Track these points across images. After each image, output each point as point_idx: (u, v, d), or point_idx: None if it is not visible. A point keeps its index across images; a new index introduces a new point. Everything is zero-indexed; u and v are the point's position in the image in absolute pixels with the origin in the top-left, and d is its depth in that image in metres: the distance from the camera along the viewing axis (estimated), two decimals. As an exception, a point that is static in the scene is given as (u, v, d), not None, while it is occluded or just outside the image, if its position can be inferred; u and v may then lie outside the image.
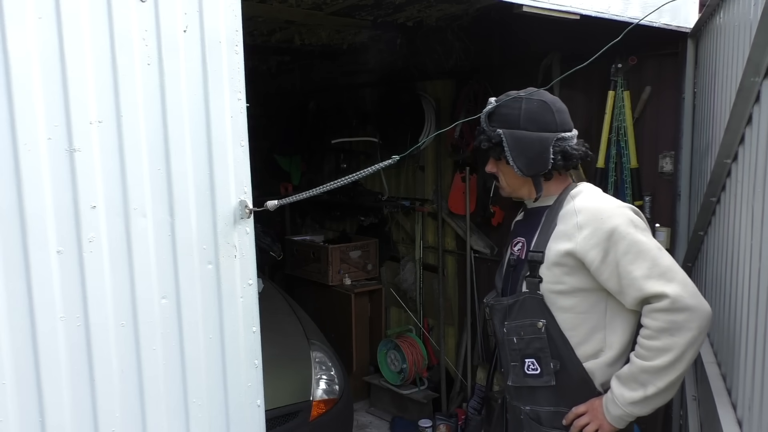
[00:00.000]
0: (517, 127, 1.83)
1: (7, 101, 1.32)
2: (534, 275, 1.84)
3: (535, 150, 1.83)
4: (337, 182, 1.70)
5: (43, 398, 1.41)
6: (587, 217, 1.77)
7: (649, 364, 1.69)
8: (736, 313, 1.81)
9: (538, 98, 1.85)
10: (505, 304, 1.92)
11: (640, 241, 1.72)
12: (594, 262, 1.74)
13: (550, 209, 1.89)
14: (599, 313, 1.82)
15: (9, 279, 1.35)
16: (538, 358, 1.85)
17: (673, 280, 1.68)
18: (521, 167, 1.85)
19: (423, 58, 4.41)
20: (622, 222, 1.74)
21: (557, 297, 1.82)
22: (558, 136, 1.84)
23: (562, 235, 1.81)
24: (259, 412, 1.76)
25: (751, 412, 1.57)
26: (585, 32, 2.61)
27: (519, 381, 1.91)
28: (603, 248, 1.73)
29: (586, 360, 1.82)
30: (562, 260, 1.79)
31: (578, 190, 1.89)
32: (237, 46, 1.62)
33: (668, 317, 1.66)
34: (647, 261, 1.70)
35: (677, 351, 1.66)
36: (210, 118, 1.59)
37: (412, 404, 4.50)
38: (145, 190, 1.51)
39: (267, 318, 1.88)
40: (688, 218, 3.06)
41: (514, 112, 1.84)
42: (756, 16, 1.56)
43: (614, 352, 1.82)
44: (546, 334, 1.82)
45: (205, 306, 1.63)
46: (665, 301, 1.66)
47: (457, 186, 4.34)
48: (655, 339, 1.68)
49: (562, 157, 1.85)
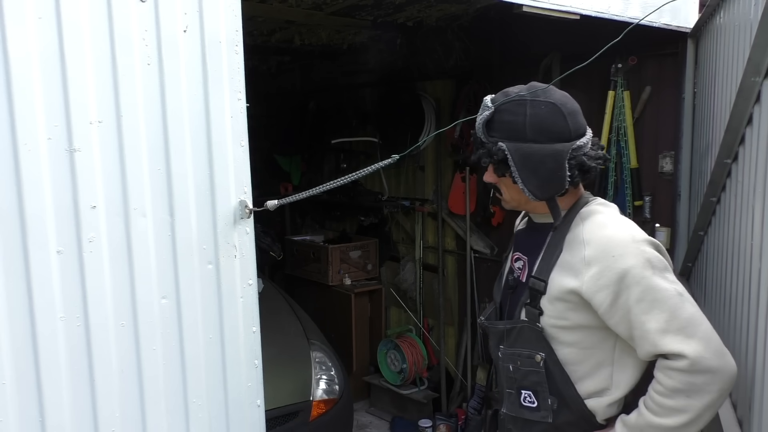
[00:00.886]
0: (524, 139, 1.52)
1: (7, 101, 1.32)
2: (534, 305, 1.61)
3: (549, 167, 1.52)
4: (337, 182, 1.70)
5: (43, 398, 1.41)
6: (596, 252, 1.51)
7: (659, 422, 1.47)
8: (736, 313, 1.80)
9: (545, 100, 1.54)
10: (501, 329, 1.71)
11: (656, 287, 1.46)
12: (602, 305, 1.50)
13: (558, 230, 1.62)
14: (607, 349, 1.59)
15: (9, 279, 1.35)
16: (535, 392, 1.64)
17: (694, 336, 1.44)
18: (533, 190, 1.55)
19: (423, 58, 4.41)
20: (636, 263, 1.47)
21: (559, 331, 1.59)
22: (573, 145, 1.53)
23: (568, 268, 1.56)
24: (259, 412, 1.76)
25: (751, 412, 1.57)
26: (585, 32, 2.61)
27: (514, 411, 1.71)
28: (613, 291, 1.48)
29: (588, 397, 1.60)
30: (565, 296, 1.55)
31: (589, 210, 1.61)
32: (237, 46, 1.61)
33: (686, 378, 1.43)
34: (664, 312, 1.45)
35: (692, 414, 1.44)
36: (210, 118, 1.59)
37: (412, 404, 4.50)
38: (145, 190, 1.51)
39: (267, 318, 1.88)
40: (688, 218, 3.06)
41: (518, 119, 1.53)
42: (756, 16, 1.56)
43: (621, 392, 1.59)
44: (544, 369, 1.60)
45: (205, 306, 1.63)
46: (683, 362, 1.43)
47: (457, 186, 4.34)
48: (669, 398, 1.45)
49: (580, 171, 1.56)
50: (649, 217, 3.26)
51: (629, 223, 1.60)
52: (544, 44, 3.52)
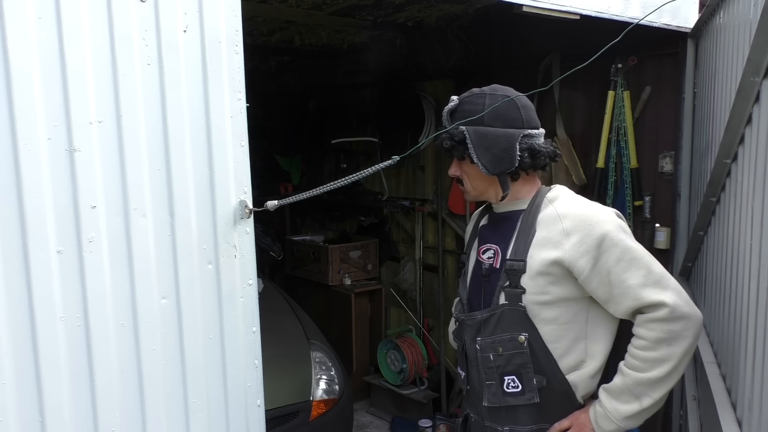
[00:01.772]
0: (482, 123, 1.72)
1: (7, 101, 1.32)
2: (515, 285, 1.72)
3: (501, 146, 1.71)
4: (337, 183, 1.70)
5: (43, 398, 1.41)
6: (574, 223, 1.67)
7: (645, 376, 1.61)
8: (736, 313, 1.81)
9: (502, 94, 1.76)
10: (479, 319, 1.79)
11: (632, 247, 1.64)
12: (584, 270, 1.65)
13: (526, 213, 1.78)
14: (581, 322, 1.73)
15: (9, 279, 1.35)
16: (519, 375, 1.73)
17: (668, 288, 1.62)
18: (486, 165, 1.73)
19: (423, 58, 4.42)
20: (612, 228, 1.65)
21: (541, 308, 1.71)
22: (524, 132, 1.73)
23: (546, 242, 1.70)
24: (259, 412, 1.76)
25: (750, 412, 1.57)
26: (585, 32, 2.61)
27: (497, 401, 1.78)
28: (593, 255, 1.64)
29: (569, 372, 1.73)
30: (547, 269, 1.68)
31: (555, 193, 1.78)
32: (237, 46, 1.62)
33: (666, 326, 1.59)
34: (641, 269, 1.62)
35: (674, 361, 1.60)
36: (210, 118, 1.59)
37: (412, 404, 4.50)
38: (145, 190, 1.51)
39: (267, 318, 1.88)
40: (688, 218, 3.06)
41: (477, 108, 1.74)
42: (756, 16, 1.56)
43: (597, 362, 1.74)
44: (528, 349, 1.71)
45: (205, 306, 1.63)
46: (663, 311, 1.59)
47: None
48: (652, 350, 1.60)
49: (530, 155, 1.73)
50: (649, 217, 3.27)
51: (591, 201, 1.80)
52: (544, 44, 3.52)
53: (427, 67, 4.44)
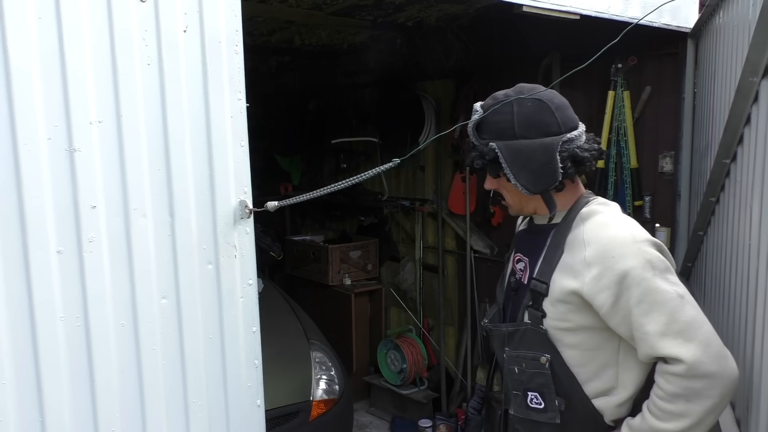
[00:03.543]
0: (513, 137, 1.54)
1: (7, 101, 1.32)
2: (536, 308, 1.61)
3: (539, 160, 1.53)
4: (338, 185, 1.68)
5: (43, 398, 1.41)
6: (596, 253, 1.50)
7: (661, 426, 1.46)
8: (736, 313, 1.81)
9: (531, 97, 1.57)
10: (504, 332, 1.71)
11: (656, 289, 1.45)
12: (603, 306, 1.49)
13: (557, 230, 1.62)
14: (610, 350, 1.58)
15: (9, 279, 1.35)
16: (541, 393, 1.63)
17: (693, 340, 1.42)
18: (526, 184, 1.55)
19: (423, 58, 4.42)
20: (637, 264, 1.46)
21: (563, 334, 1.59)
22: (563, 138, 1.54)
23: (568, 270, 1.55)
24: (259, 412, 1.76)
25: (749, 411, 1.57)
26: (585, 32, 2.61)
27: (521, 413, 1.70)
28: (614, 292, 1.47)
29: (596, 397, 1.59)
30: (567, 298, 1.55)
31: (590, 210, 1.59)
32: (237, 46, 1.62)
33: (684, 383, 1.42)
34: (663, 315, 1.44)
35: (693, 419, 1.43)
36: (210, 118, 1.59)
37: (412, 404, 4.50)
38: (145, 190, 1.51)
39: (267, 318, 1.88)
40: (688, 218, 3.06)
41: (506, 118, 1.56)
42: (755, 16, 1.56)
43: (627, 392, 1.58)
44: (550, 371, 1.59)
45: (205, 306, 1.63)
46: (680, 367, 1.41)
47: (457, 186, 4.34)
48: (669, 402, 1.44)
49: (573, 163, 1.56)
50: (649, 217, 3.27)
51: (631, 222, 1.59)
52: (544, 44, 3.52)
53: (427, 67, 4.44)
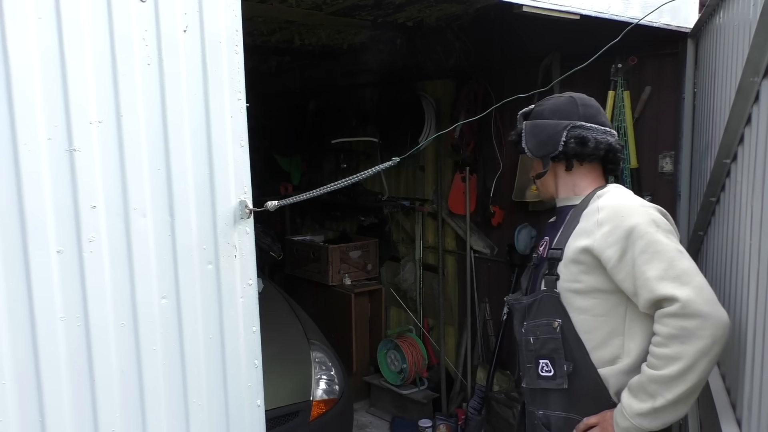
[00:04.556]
0: (540, 117, 1.87)
1: (7, 101, 1.32)
2: (552, 272, 1.79)
3: (548, 132, 1.83)
4: (337, 184, 1.69)
5: (43, 398, 1.41)
6: (608, 214, 1.70)
7: (658, 374, 1.58)
8: (736, 313, 1.81)
9: (568, 95, 1.88)
10: (525, 304, 1.87)
11: (658, 241, 1.63)
12: (611, 260, 1.66)
13: (576, 208, 1.84)
14: (618, 317, 1.72)
15: (9, 279, 1.35)
16: (552, 360, 1.78)
17: (688, 284, 1.58)
18: (531, 148, 1.86)
19: (423, 58, 4.42)
20: (642, 221, 1.65)
21: (574, 296, 1.75)
22: (576, 123, 1.81)
23: (582, 232, 1.74)
24: (259, 412, 1.76)
25: (750, 411, 1.57)
26: (585, 32, 2.61)
27: (533, 383, 1.85)
28: (621, 247, 1.65)
29: (602, 366, 1.73)
30: (579, 257, 1.72)
31: (606, 189, 1.83)
32: (237, 46, 1.62)
33: (678, 323, 1.55)
34: (663, 262, 1.60)
35: (687, 360, 1.55)
36: (210, 118, 1.59)
37: (412, 404, 4.50)
38: (145, 190, 1.51)
39: (267, 318, 1.88)
40: (688, 218, 3.06)
41: (542, 105, 1.89)
42: (755, 16, 1.56)
43: (631, 359, 1.71)
44: (561, 335, 1.75)
45: (205, 306, 1.63)
46: (675, 306, 1.56)
47: (457, 186, 4.34)
48: (664, 346, 1.58)
49: (577, 142, 1.80)
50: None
51: (642, 198, 1.81)
52: (544, 44, 3.52)
53: (427, 67, 4.44)
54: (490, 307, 4.27)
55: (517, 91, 2.15)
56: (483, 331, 4.32)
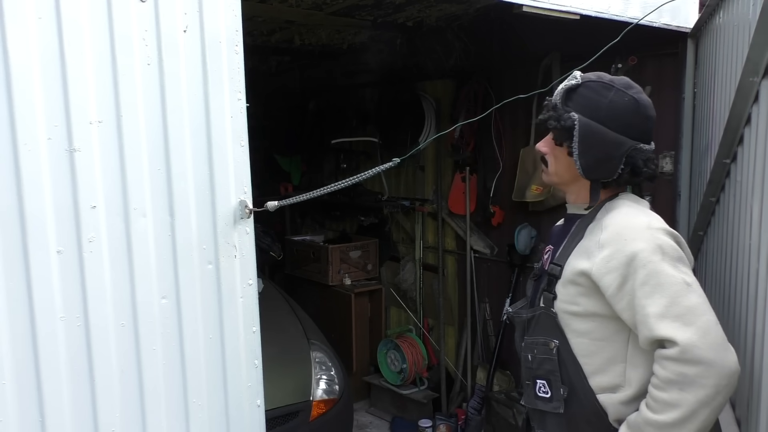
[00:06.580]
0: (597, 119, 1.56)
1: (7, 101, 1.32)
2: (549, 290, 1.65)
3: (607, 152, 1.56)
4: (338, 185, 1.69)
5: (43, 398, 1.41)
6: (610, 235, 1.53)
7: (654, 418, 1.43)
8: (735, 312, 1.81)
9: (632, 95, 1.59)
10: (524, 318, 1.74)
11: (661, 272, 1.45)
12: (609, 287, 1.50)
13: (583, 219, 1.66)
14: (620, 343, 1.57)
15: (9, 279, 1.35)
16: (548, 381, 1.64)
17: (691, 325, 1.41)
18: (584, 165, 1.58)
19: (423, 58, 4.42)
20: (646, 247, 1.47)
21: (571, 318, 1.61)
22: (638, 145, 1.57)
23: (583, 252, 1.58)
24: (259, 412, 1.76)
25: (749, 411, 1.57)
26: (585, 32, 2.61)
27: (530, 402, 1.72)
28: (621, 274, 1.48)
29: (601, 392, 1.59)
30: (577, 279, 1.57)
31: (618, 201, 1.63)
32: (237, 46, 1.62)
33: (677, 368, 1.40)
34: (665, 297, 1.44)
35: (686, 409, 1.39)
36: (210, 118, 1.59)
37: (412, 404, 4.50)
38: (145, 190, 1.51)
39: (267, 318, 1.88)
40: (688, 218, 3.06)
41: (599, 99, 1.57)
42: (755, 16, 1.56)
43: (633, 390, 1.55)
44: (557, 357, 1.61)
45: (205, 306, 1.63)
46: (674, 350, 1.40)
47: (457, 186, 4.34)
48: (663, 390, 1.43)
49: (630, 172, 1.58)
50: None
51: (653, 214, 1.61)
52: (544, 44, 3.52)
53: (427, 67, 4.44)
54: (490, 307, 4.27)
55: (517, 91, 2.15)
56: (483, 331, 4.32)
